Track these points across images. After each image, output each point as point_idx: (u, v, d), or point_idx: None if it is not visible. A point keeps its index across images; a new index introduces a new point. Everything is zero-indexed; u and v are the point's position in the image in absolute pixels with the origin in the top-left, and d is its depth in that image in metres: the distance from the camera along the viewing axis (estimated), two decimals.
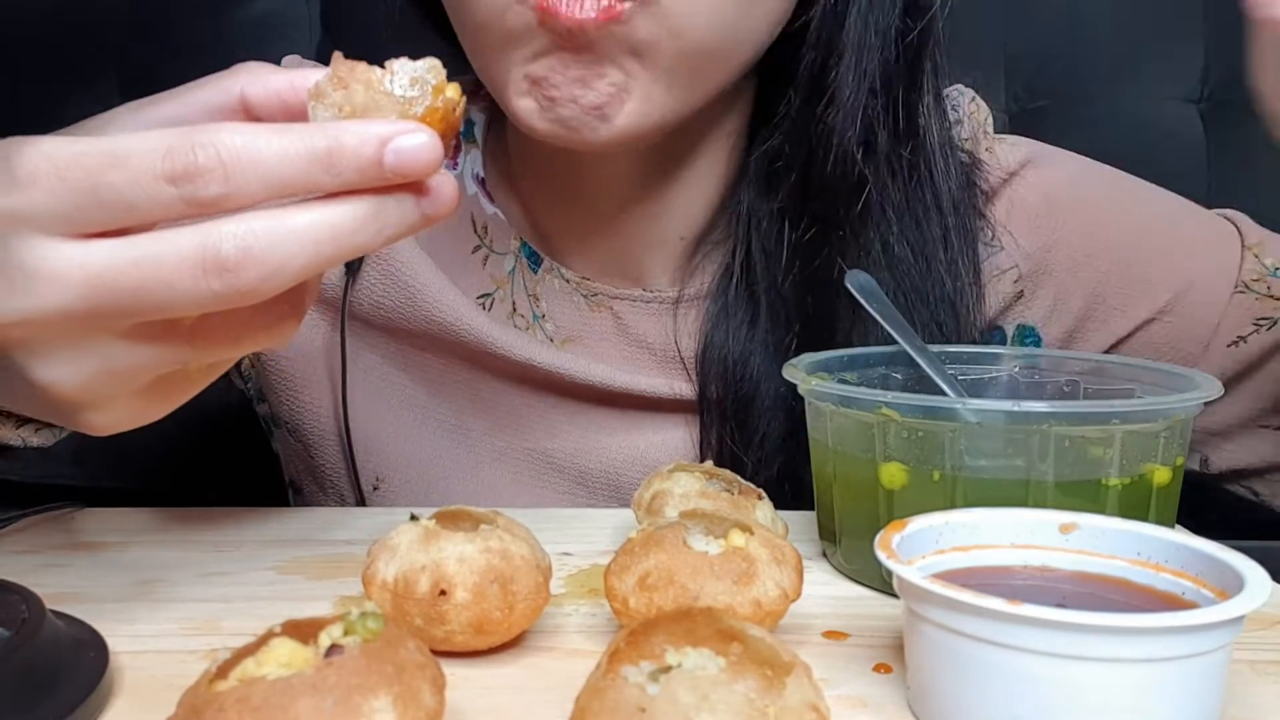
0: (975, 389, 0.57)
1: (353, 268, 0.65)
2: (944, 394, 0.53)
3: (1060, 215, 0.67)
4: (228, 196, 0.33)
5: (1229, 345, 0.66)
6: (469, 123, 0.70)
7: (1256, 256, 0.67)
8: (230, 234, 0.33)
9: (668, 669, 0.30)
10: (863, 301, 0.58)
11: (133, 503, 0.61)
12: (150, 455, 0.76)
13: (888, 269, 0.62)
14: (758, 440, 0.63)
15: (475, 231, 0.68)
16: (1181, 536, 0.38)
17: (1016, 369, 0.58)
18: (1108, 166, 0.70)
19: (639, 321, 0.67)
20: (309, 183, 0.34)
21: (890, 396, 0.46)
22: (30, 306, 0.34)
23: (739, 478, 0.51)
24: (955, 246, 0.64)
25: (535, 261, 0.67)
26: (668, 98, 0.55)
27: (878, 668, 0.40)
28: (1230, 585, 0.35)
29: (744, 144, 0.66)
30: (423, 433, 0.67)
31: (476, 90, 0.69)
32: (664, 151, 0.63)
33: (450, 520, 0.42)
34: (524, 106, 0.54)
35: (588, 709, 0.30)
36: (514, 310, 0.67)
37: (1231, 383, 0.66)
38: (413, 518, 0.41)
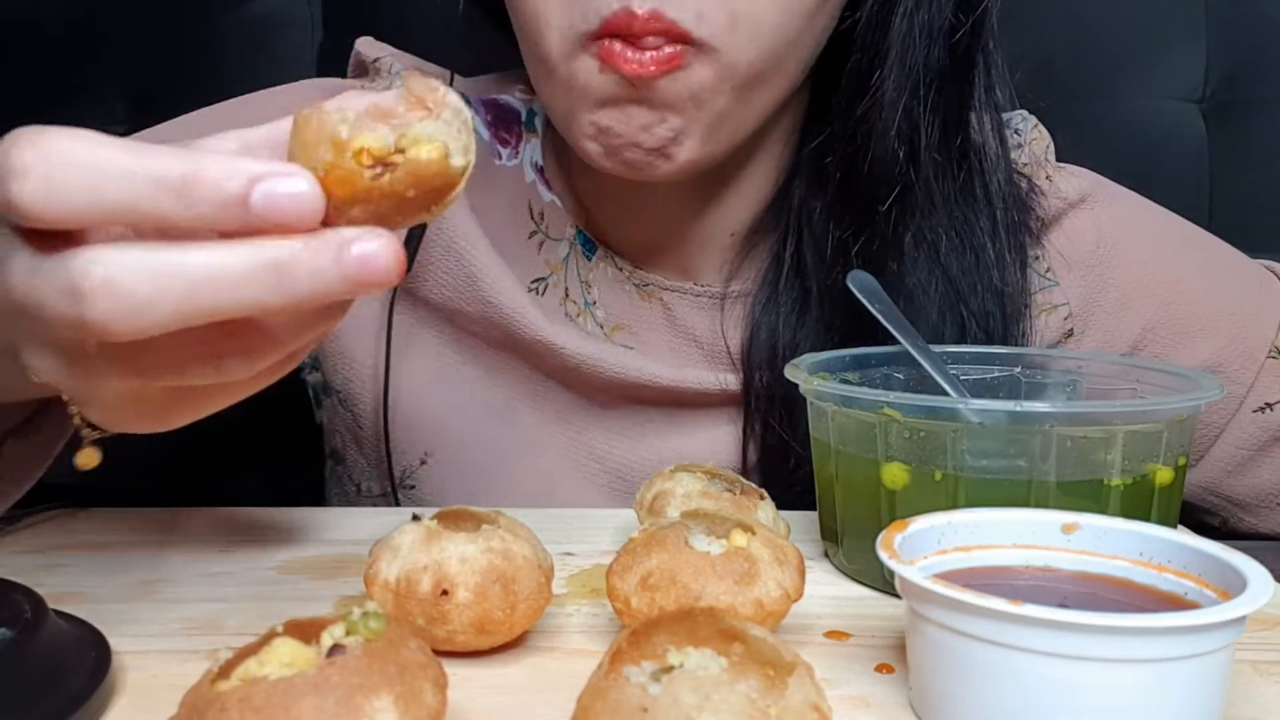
0: (977, 389, 0.57)
1: (411, 244, 0.65)
2: (946, 394, 0.53)
3: (1112, 256, 0.66)
4: (46, 202, 0.30)
5: (1255, 410, 0.66)
6: (530, 113, 0.71)
7: None
8: (100, 260, 0.30)
9: (670, 669, 0.30)
10: (864, 301, 0.58)
11: (134, 502, 0.61)
12: (151, 455, 0.76)
13: (934, 262, 0.62)
14: (804, 428, 0.63)
15: (532, 217, 0.69)
16: (1184, 537, 0.38)
17: (1019, 369, 0.58)
18: (1163, 209, 0.70)
19: (687, 314, 0.67)
20: (155, 210, 0.30)
21: (892, 396, 0.46)
22: None
23: (740, 478, 0.51)
24: (1003, 240, 0.64)
25: (589, 249, 0.68)
26: (725, 130, 0.57)
27: (880, 668, 0.40)
28: (1233, 585, 0.35)
29: (796, 140, 0.67)
30: (472, 414, 0.68)
31: None
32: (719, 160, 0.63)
33: (452, 520, 0.42)
34: (590, 149, 0.58)
35: (590, 709, 0.30)
36: (566, 296, 0.68)
37: (1258, 453, 0.66)
38: (415, 518, 0.41)
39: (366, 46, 0.70)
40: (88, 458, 0.41)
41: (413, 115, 0.32)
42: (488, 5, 0.66)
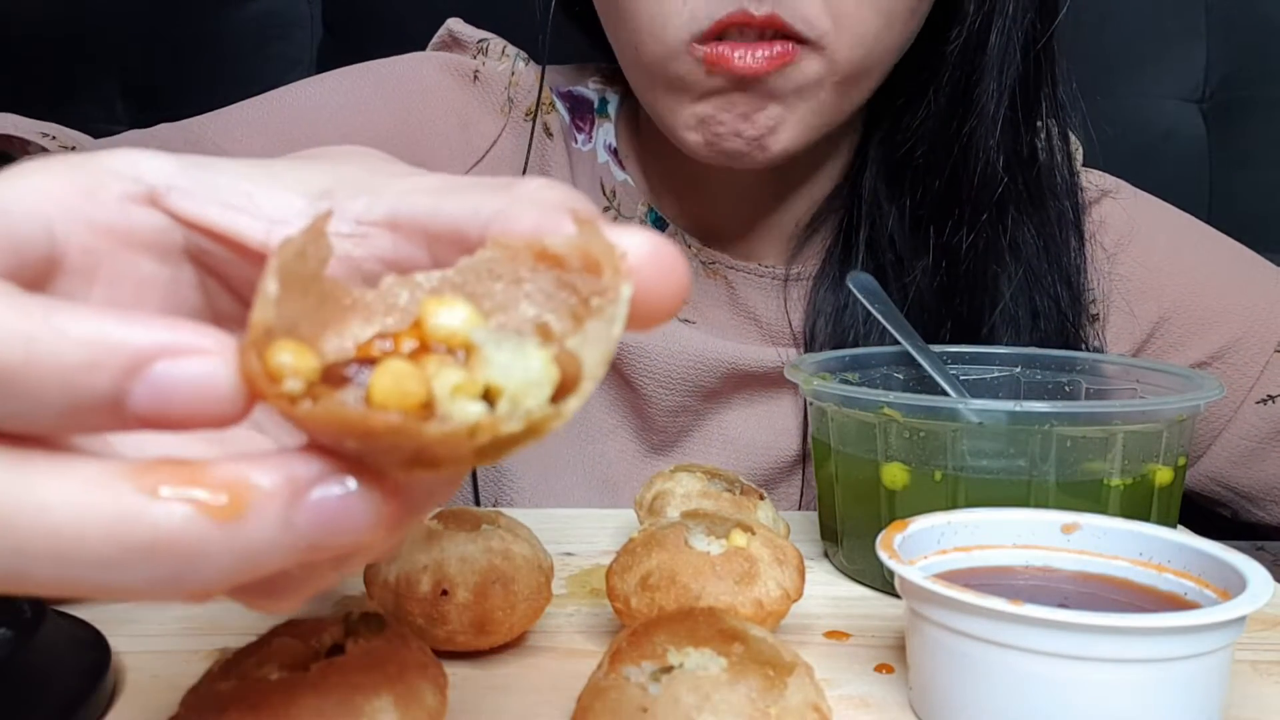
0: (977, 389, 0.57)
1: None
2: (946, 394, 0.53)
3: (1134, 245, 0.68)
4: None
5: (1259, 402, 0.67)
6: (603, 100, 0.73)
7: None
8: None
9: (669, 669, 0.30)
10: (864, 302, 0.58)
11: None
12: None
13: (1017, 259, 0.64)
14: None
15: (605, 194, 0.70)
16: (1183, 537, 0.38)
17: (1018, 369, 0.58)
18: (1178, 210, 0.72)
19: (750, 293, 0.69)
20: None
21: (892, 397, 0.46)
22: None
23: (740, 478, 0.51)
24: (1070, 232, 0.66)
25: (660, 226, 0.69)
26: (819, 120, 0.59)
27: (879, 668, 0.40)
28: (1232, 585, 0.35)
29: (860, 134, 0.68)
30: None
31: (610, 74, 0.73)
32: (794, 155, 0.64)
33: (452, 520, 0.42)
34: (691, 139, 0.59)
35: (589, 709, 0.30)
36: None
37: (1262, 445, 0.67)
38: None
39: (461, 26, 0.72)
40: None
41: (563, 302, 0.20)
42: (573, 9, 0.69)
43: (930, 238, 0.64)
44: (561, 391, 0.19)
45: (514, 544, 0.40)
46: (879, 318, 0.57)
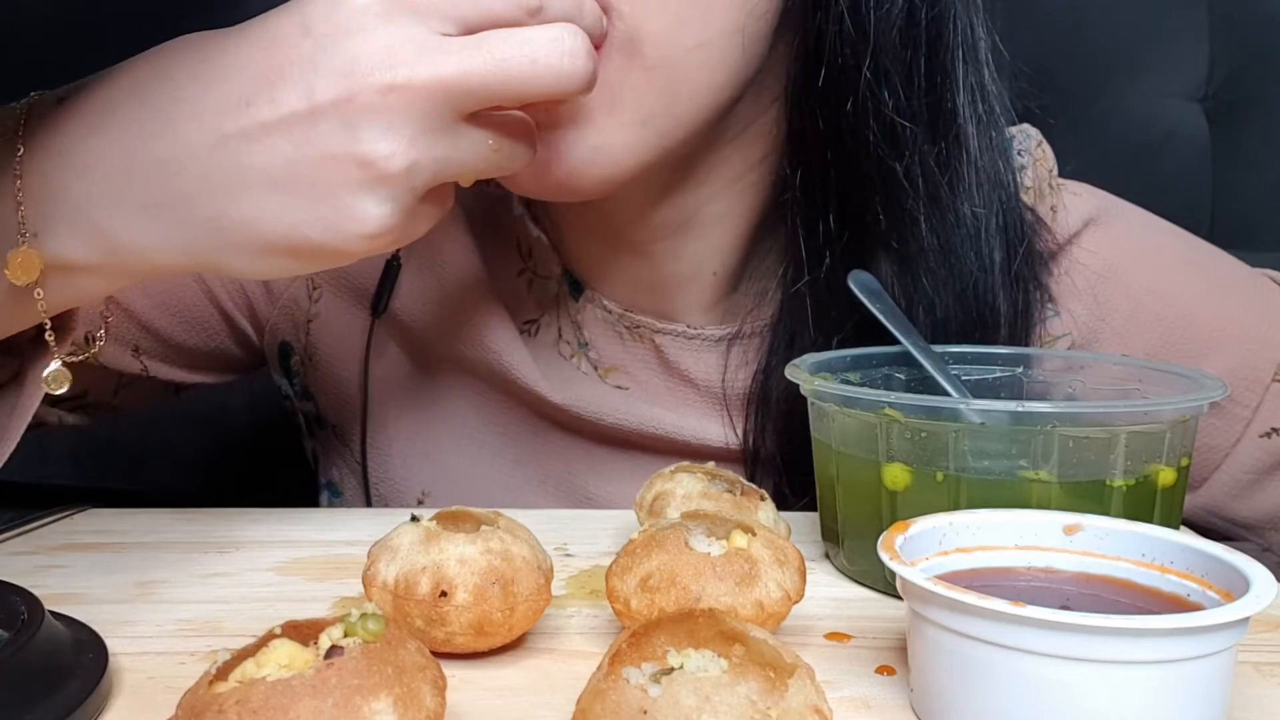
0: (979, 389, 0.57)
1: (387, 283, 0.64)
2: (947, 394, 0.53)
3: (1116, 281, 0.65)
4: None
5: (1262, 435, 0.65)
6: None
7: None
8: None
9: (670, 671, 0.30)
10: (865, 301, 0.58)
11: (131, 503, 0.61)
12: (148, 456, 0.76)
13: (922, 268, 0.60)
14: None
15: (520, 254, 0.66)
16: (1186, 538, 0.38)
17: (1020, 369, 0.58)
18: (1166, 224, 0.69)
19: (680, 356, 0.65)
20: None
21: (893, 397, 0.46)
22: (412, 75, 0.40)
23: (741, 479, 0.51)
24: (980, 238, 0.61)
25: (576, 290, 0.66)
26: (648, 132, 0.53)
27: (880, 669, 0.40)
28: (1235, 587, 0.35)
29: (775, 175, 0.62)
30: (470, 454, 0.67)
31: None
32: (680, 184, 0.61)
33: (451, 521, 0.41)
34: (520, 176, 0.54)
35: (589, 711, 0.30)
36: (559, 337, 0.66)
37: (1264, 476, 0.65)
38: (414, 519, 0.41)
39: None
40: (60, 378, 0.45)
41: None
42: None
43: (828, 249, 0.60)
44: None
45: (513, 545, 0.40)
46: (879, 317, 0.57)
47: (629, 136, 0.53)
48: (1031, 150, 0.67)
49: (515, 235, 0.66)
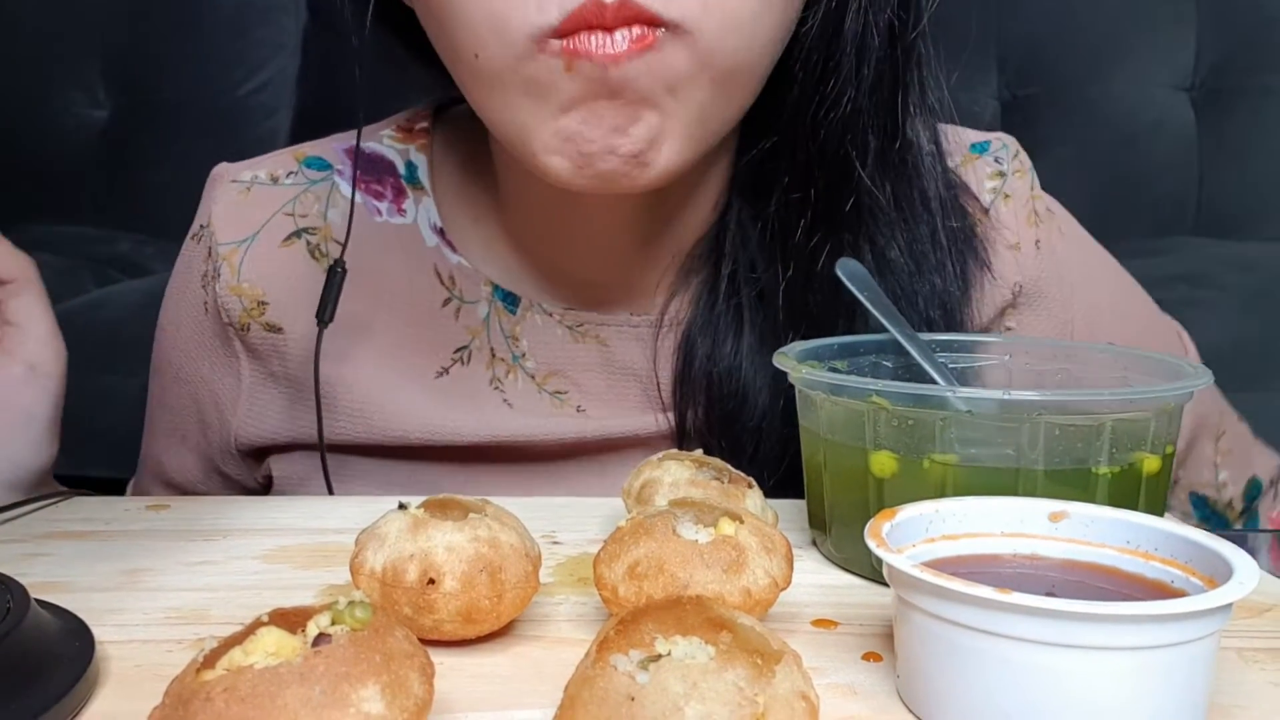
0: (966, 377, 0.57)
1: (330, 292, 0.61)
2: (935, 382, 0.53)
3: (1058, 267, 0.67)
4: None
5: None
6: (410, 165, 0.67)
7: (1216, 465, 0.68)
8: None
9: (657, 658, 0.30)
10: (853, 289, 0.58)
11: (117, 491, 0.61)
12: (134, 443, 0.76)
13: (880, 269, 0.61)
14: (748, 457, 0.62)
15: (443, 284, 0.65)
16: (1170, 525, 0.38)
17: (1007, 357, 0.58)
18: (1107, 257, 0.72)
19: (625, 348, 0.65)
20: None
21: (881, 385, 0.46)
22: None
23: (729, 466, 0.51)
24: (944, 246, 0.63)
25: (512, 303, 0.65)
26: (703, 130, 0.54)
27: (867, 656, 0.40)
28: (1219, 573, 0.35)
29: (734, 152, 0.64)
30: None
31: (410, 128, 0.67)
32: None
33: (439, 509, 0.41)
34: (556, 165, 0.52)
35: (577, 698, 0.30)
36: (492, 357, 0.65)
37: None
38: (401, 506, 0.41)
39: (206, 206, 0.67)
40: None
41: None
42: (400, 27, 0.61)
43: (783, 239, 0.61)
44: None
45: (501, 532, 0.40)
46: (867, 305, 0.57)
47: (691, 145, 0.54)
48: (1009, 160, 0.67)
49: (433, 265, 0.65)
